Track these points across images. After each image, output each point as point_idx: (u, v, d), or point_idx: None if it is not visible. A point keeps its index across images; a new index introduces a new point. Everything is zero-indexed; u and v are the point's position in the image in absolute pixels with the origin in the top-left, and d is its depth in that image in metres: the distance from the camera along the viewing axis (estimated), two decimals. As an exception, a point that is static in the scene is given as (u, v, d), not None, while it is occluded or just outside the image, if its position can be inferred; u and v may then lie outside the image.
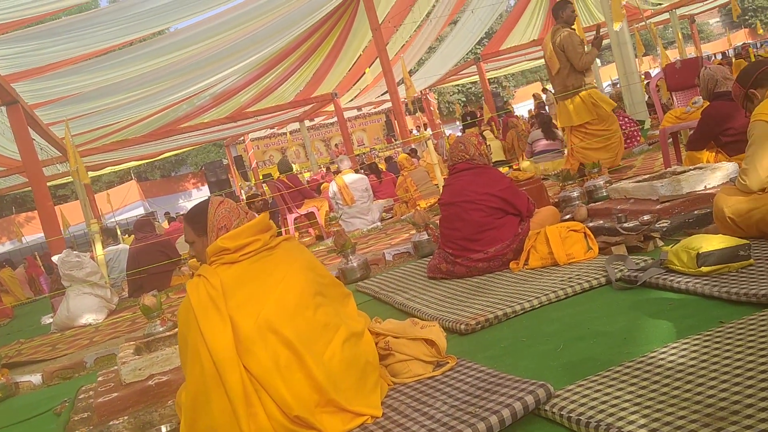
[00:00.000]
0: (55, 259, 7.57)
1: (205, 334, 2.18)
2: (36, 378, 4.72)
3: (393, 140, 24.27)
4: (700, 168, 4.49)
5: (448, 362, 2.59)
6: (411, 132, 22.04)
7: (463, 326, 3.15)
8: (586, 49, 6.55)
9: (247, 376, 2.17)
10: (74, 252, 7.20)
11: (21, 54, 10.01)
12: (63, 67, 11.28)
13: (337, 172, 10.16)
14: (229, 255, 2.33)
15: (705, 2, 24.52)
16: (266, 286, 2.28)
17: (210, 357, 2.16)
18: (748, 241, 2.94)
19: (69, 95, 12.60)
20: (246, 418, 2.12)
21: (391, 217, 9.43)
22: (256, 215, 2.51)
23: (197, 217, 2.47)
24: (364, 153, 22.37)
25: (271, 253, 2.39)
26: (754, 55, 16.07)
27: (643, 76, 13.40)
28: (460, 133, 15.15)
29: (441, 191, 4.58)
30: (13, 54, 9.84)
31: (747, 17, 42.59)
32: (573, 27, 6.68)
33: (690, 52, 23.62)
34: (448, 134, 18.22)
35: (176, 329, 3.76)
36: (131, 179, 33.90)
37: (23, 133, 9.96)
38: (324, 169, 20.55)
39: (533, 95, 23.96)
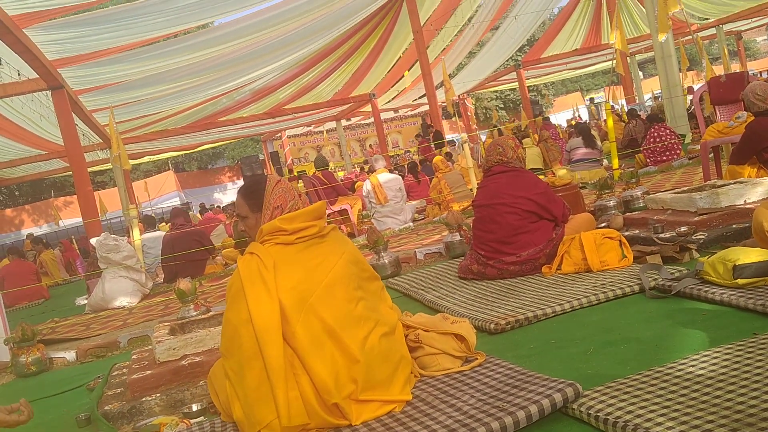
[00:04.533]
0: (93, 241, 7.73)
1: (250, 303, 2.20)
2: (70, 355, 4.83)
3: (428, 142, 24.23)
4: (741, 182, 4.43)
5: (477, 358, 2.61)
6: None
7: (492, 325, 3.15)
8: None
9: (288, 351, 2.19)
10: (112, 235, 7.34)
11: (68, 40, 10.20)
12: (108, 55, 11.49)
13: (372, 171, 10.20)
14: (284, 236, 2.35)
15: (752, 19, 24.13)
16: (316, 275, 2.31)
17: (252, 328, 2.18)
18: (787, 256, 2.90)
19: (112, 83, 12.84)
20: (284, 391, 2.14)
21: (423, 219, 9.43)
22: (309, 201, 2.53)
23: (254, 193, 2.47)
24: (398, 155, 22.40)
25: (322, 241, 2.42)
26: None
27: (686, 90, 13.23)
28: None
29: (475, 194, 4.58)
30: (60, 40, 10.03)
31: (795, 36, 41.83)
32: None
33: (735, 68, 23.22)
34: (483, 140, 18.19)
35: (209, 314, 3.83)
36: (169, 169, 34.38)
37: (67, 118, 10.14)
38: (358, 169, 20.62)
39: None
